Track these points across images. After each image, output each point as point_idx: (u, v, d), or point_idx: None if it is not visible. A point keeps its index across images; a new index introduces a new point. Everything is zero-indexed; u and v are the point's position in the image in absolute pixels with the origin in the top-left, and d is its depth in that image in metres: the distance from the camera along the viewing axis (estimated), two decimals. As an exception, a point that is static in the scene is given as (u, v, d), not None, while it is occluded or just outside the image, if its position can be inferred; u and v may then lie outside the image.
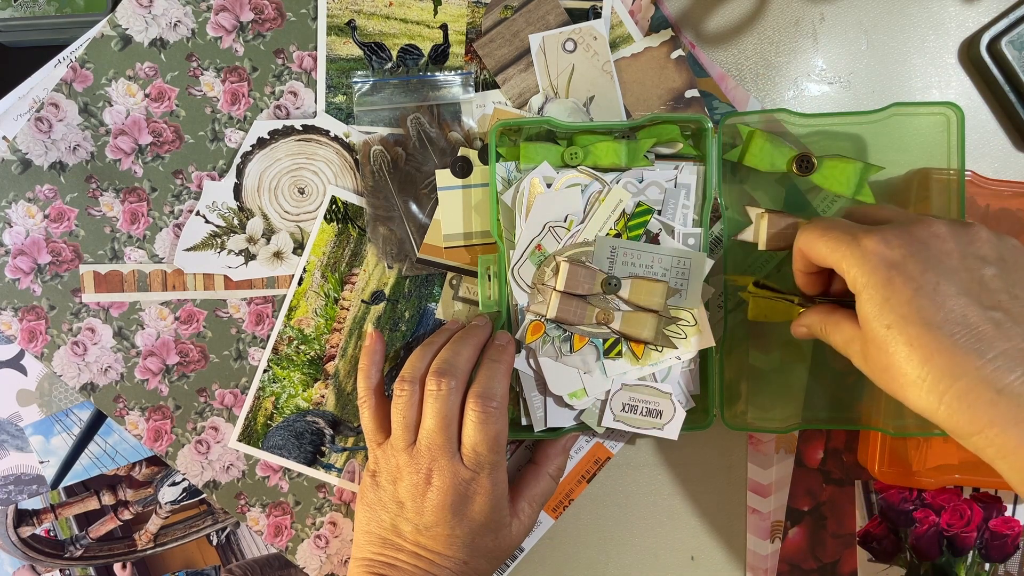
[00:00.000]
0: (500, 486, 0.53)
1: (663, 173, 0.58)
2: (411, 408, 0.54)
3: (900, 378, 0.42)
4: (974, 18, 0.62)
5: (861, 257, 0.43)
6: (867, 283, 0.43)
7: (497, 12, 0.62)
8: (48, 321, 0.62)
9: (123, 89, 0.62)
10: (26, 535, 0.63)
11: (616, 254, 0.55)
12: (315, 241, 0.62)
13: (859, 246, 0.44)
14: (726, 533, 0.63)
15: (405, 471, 0.53)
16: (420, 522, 0.53)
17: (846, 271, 0.44)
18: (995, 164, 0.62)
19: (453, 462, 0.52)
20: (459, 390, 0.53)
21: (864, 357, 0.45)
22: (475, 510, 0.53)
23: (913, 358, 0.41)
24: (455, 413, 0.53)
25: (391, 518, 0.54)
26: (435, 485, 0.52)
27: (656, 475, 0.63)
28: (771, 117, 0.58)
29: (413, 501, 0.53)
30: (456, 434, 0.53)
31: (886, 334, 0.42)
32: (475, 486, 0.52)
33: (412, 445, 0.53)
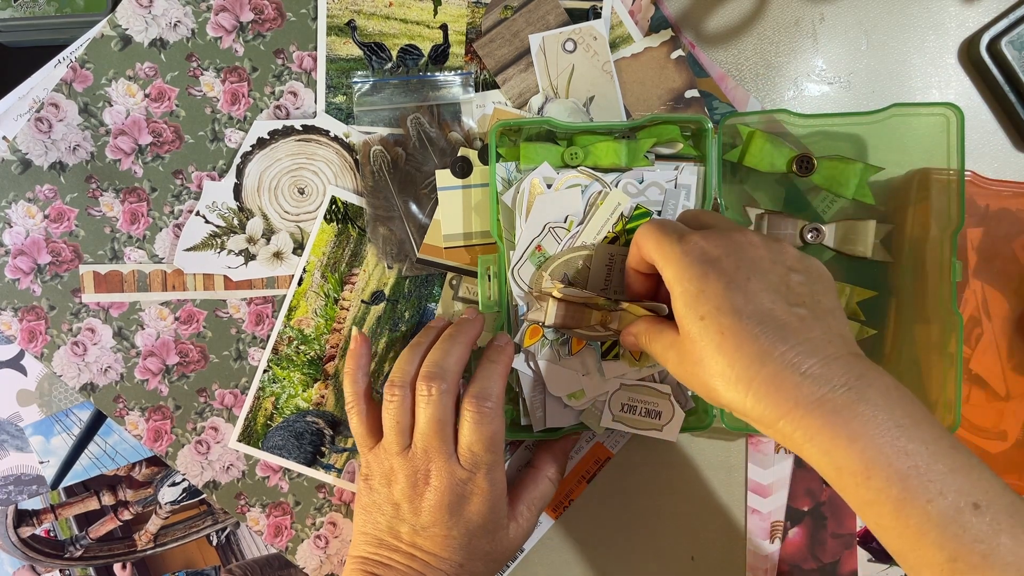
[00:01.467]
0: (498, 487, 0.53)
1: (663, 173, 0.58)
2: (403, 413, 0.53)
3: (711, 369, 0.43)
4: (974, 18, 0.62)
5: (680, 254, 0.45)
6: (683, 277, 0.44)
7: (497, 12, 0.62)
8: (48, 321, 0.62)
9: (123, 89, 0.62)
10: (26, 535, 0.63)
11: (614, 262, 0.55)
12: (315, 241, 0.62)
13: (680, 243, 0.45)
14: (726, 533, 0.63)
15: (400, 474, 0.53)
16: (417, 523, 0.53)
17: (663, 268, 0.46)
18: (995, 164, 0.62)
19: (450, 463, 0.52)
20: (451, 392, 0.53)
21: (679, 358, 0.46)
22: (472, 511, 0.52)
23: (725, 346, 0.42)
24: (449, 416, 0.53)
25: (387, 520, 0.54)
26: (432, 485, 0.52)
27: (656, 475, 0.63)
28: (771, 117, 0.58)
29: (410, 503, 0.53)
30: (452, 435, 0.53)
31: (700, 325, 0.43)
32: (472, 486, 0.52)
33: (407, 449, 0.53)
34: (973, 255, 0.60)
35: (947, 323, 0.56)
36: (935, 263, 0.56)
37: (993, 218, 0.60)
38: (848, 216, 0.58)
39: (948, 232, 0.56)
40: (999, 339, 0.60)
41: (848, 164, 0.56)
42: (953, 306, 0.56)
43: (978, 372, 0.60)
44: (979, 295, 0.60)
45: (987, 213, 0.60)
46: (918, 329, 0.58)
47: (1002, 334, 0.60)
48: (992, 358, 0.60)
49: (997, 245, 0.60)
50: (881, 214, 0.58)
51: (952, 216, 0.56)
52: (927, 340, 0.58)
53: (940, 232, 0.56)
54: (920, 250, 0.57)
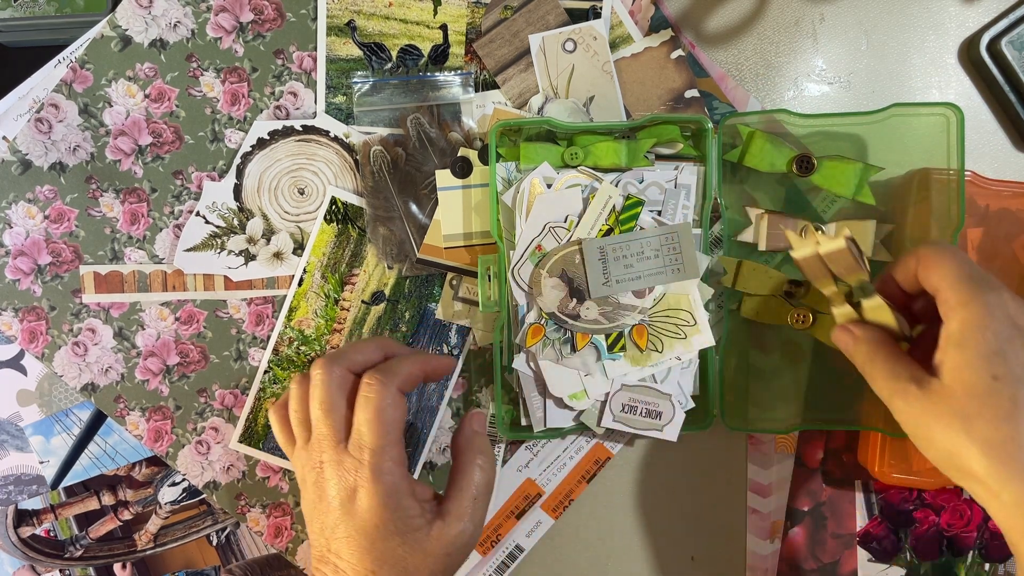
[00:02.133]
0: (388, 478, 0.46)
1: (663, 173, 0.58)
2: (299, 402, 0.50)
3: (977, 432, 0.40)
4: (974, 18, 0.62)
5: (991, 304, 0.41)
6: (986, 327, 0.41)
7: (497, 12, 0.62)
8: (48, 322, 0.62)
9: (123, 90, 0.62)
10: (26, 535, 0.63)
11: (606, 253, 0.55)
12: (315, 242, 0.62)
13: (991, 292, 0.42)
14: (726, 533, 0.63)
15: (308, 472, 0.49)
16: (326, 523, 0.48)
17: (958, 306, 0.42)
18: (995, 164, 0.62)
19: (338, 451, 0.47)
20: (347, 377, 0.49)
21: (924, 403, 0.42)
22: (362, 507, 0.46)
23: (1016, 418, 0.39)
24: (340, 399, 0.48)
25: (315, 528, 0.49)
26: (327, 478, 0.47)
27: (656, 475, 0.63)
28: (771, 117, 0.58)
29: (320, 501, 0.48)
30: (343, 420, 0.48)
31: (990, 385, 0.40)
32: (359, 478, 0.46)
33: (307, 443, 0.49)
34: (973, 255, 0.60)
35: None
36: (935, 263, 0.56)
37: (993, 218, 0.60)
38: (848, 216, 0.58)
39: (948, 232, 0.56)
40: (999, 339, 0.60)
41: (848, 164, 0.56)
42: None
43: (978, 372, 0.60)
44: (979, 295, 0.60)
45: (987, 213, 0.60)
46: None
47: (1002, 334, 0.60)
48: (992, 358, 0.60)
49: (997, 245, 0.60)
50: (881, 214, 0.58)
51: (952, 216, 0.56)
52: (927, 340, 0.58)
53: (940, 232, 0.56)
54: (920, 250, 0.57)
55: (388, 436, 0.47)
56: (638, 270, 0.55)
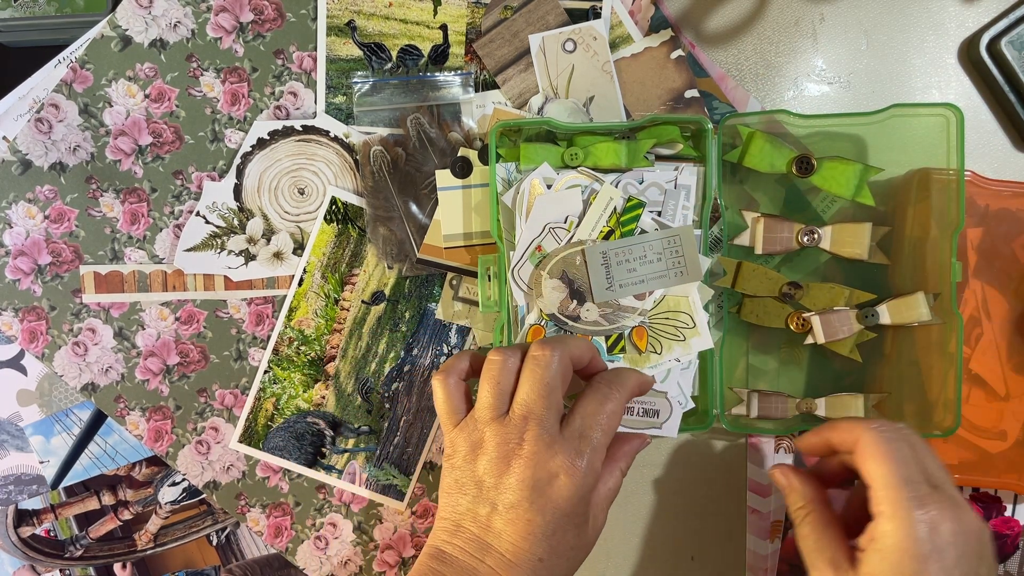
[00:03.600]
0: (593, 476, 0.47)
1: (663, 174, 0.58)
2: (506, 373, 0.48)
3: None
4: (974, 18, 0.62)
5: (915, 522, 0.43)
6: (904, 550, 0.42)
7: (497, 12, 0.62)
8: (49, 321, 0.62)
9: (123, 90, 0.62)
10: (26, 535, 0.64)
11: (609, 258, 0.55)
12: (315, 242, 0.62)
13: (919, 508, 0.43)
14: (726, 533, 0.63)
15: (490, 443, 0.47)
16: (499, 501, 0.46)
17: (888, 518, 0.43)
18: (995, 164, 0.62)
19: (552, 435, 0.46)
20: (566, 365, 0.48)
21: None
22: (558, 494, 0.46)
23: None
24: (559, 384, 0.48)
25: (468, 502, 0.47)
26: (524, 456, 0.46)
27: (656, 475, 0.63)
28: (771, 118, 0.58)
29: (495, 477, 0.46)
30: (559, 405, 0.47)
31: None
32: (569, 467, 0.46)
33: (503, 416, 0.48)
34: (973, 255, 0.60)
35: (947, 323, 0.56)
36: (935, 264, 0.56)
37: (993, 218, 0.60)
38: (848, 216, 0.58)
39: (948, 232, 0.56)
40: (999, 339, 0.60)
41: (848, 165, 0.56)
42: (953, 306, 0.56)
43: (978, 372, 0.60)
44: (979, 295, 0.60)
45: (987, 213, 0.60)
46: (918, 329, 0.58)
47: (1002, 334, 0.60)
48: (992, 358, 0.60)
49: (997, 245, 0.60)
50: (881, 214, 0.58)
51: (952, 216, 0.56)
52: (927, 340, 0.58)
53: (940, 232, 0.56)
54: (920, 251, 0.57)
55: (607, 439, 0.48)
56: (641, 274, 0.55)
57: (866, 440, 0.46)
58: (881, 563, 0.43)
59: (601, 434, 0.47)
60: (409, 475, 0.62)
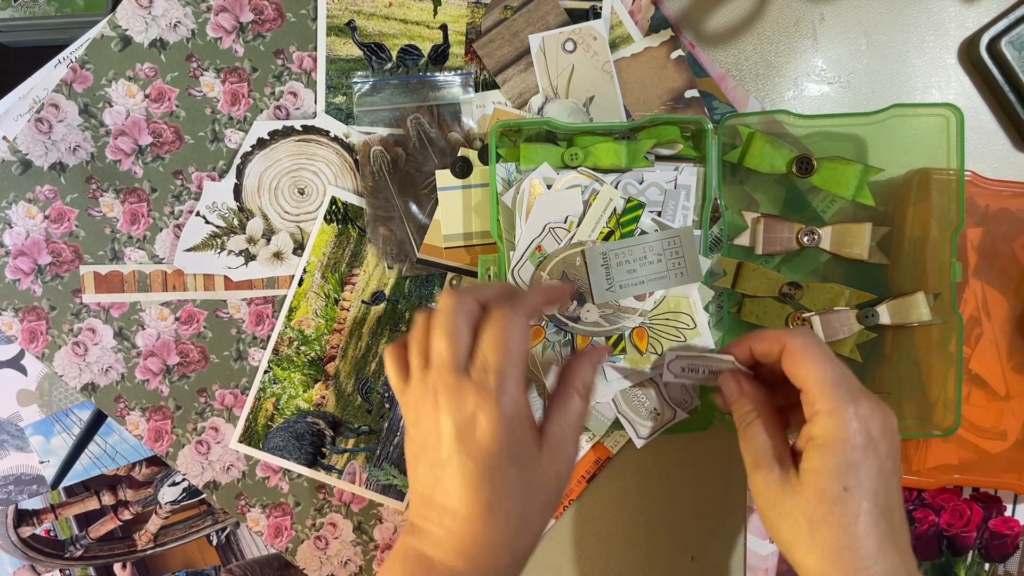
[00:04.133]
0: (511, 402, 0.44)
1: (663, 174, 0.58)
2: (423, 332, 0.47)
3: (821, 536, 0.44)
4: (974, 18, 0.62)
5: (852, 416, 0.44)
6: (846, 440, 0.44)
7: (497, 12, 0.62)
8: (49, 321, 0.62)
9: (123, 90, 0.62)
10: (26, 535, 0.64)
11: (609, 259, 0.55)
12: (315, 242, 0.62)
13: (854, 404, 0.44)
14: (726, 533, 0.63)
15: (421, 405, 0.46)
16: (440, 457, 0.45)
17: (827, 414, 0.44)
18: (995, 164, 0.62)
19: (459, 379, 0.44)
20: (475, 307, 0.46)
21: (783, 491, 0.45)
22: (482, 434, 0.43)
23: (852, 529, 0.43)
24: (465, 327, 0.45)
25: (423, 468, 0.46)
26: (441, 408, 0.44)
27: (656, 475, 0.63)
28: (771, 118, 0.58)
29: (433, 435, 0.45)
30: (467, 347, 0.45)
31: (840, 495, 0.43)
32: (480, 402, 0.44)
33: (424, 375, 0.46)
34: (973, 255, 0.60)
35: (947, 323, 0.56)
36: (935, 264, 0.56)
37: (993, 218, 0.60)
38: (848, 217, 0.58)
39: (948, 233, 0.56)
40: (999, 339, 0.60)
41: (848, 165, 0.56)
42: (953, 306, 0.56)
43: (978, 372, 0.60)
44: (979, 295, 0.60)
45: (987, 213, 0.60)
46: (918, 329, 0.58)
47: (1002, 334, 0.60)
48: (992, 358, 0.60)
49: (997, 245, 0.60)
50: (881, 214, 0.58)
51: (952, 216, 0.56)
52: (927, 340, 0.58)
53: (940, 233, 0.56)
54: (920, 251, 0.57)
55: (514, 360, 0.44)
56: (641, 275, 0.55)
57: (794, 346, 0.46)
58: (822, 457, 0.44)
59: (504, 358, 0.44)
60: (409, 475, 0.62)
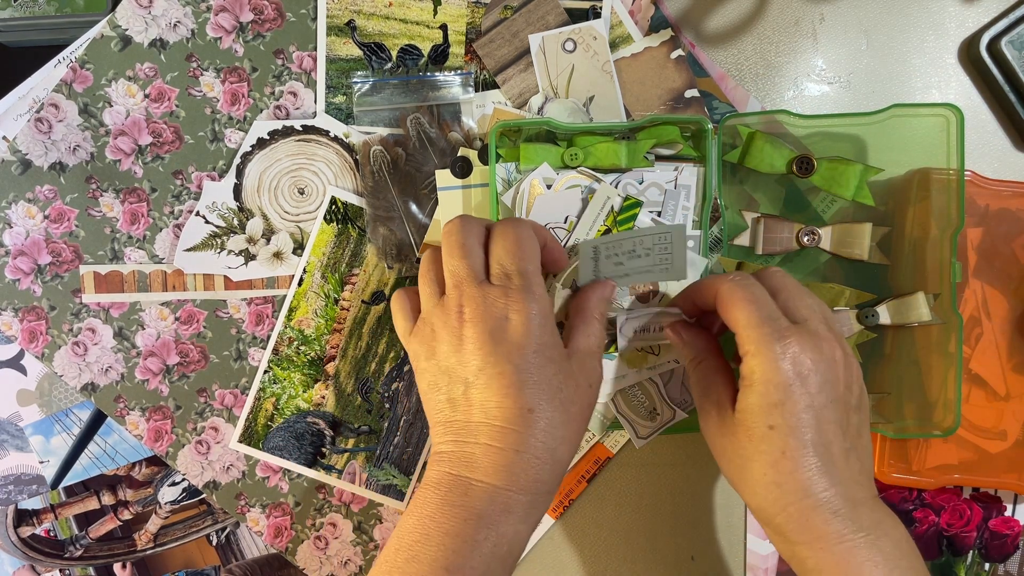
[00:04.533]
0: (539, 301, 0.45)
1: (663, 174, 0.58)
2: (434, 265, 0.48)
3: (754, 474, 0.45)
4: (974, 18, 0.62)
5: (776, 355, 0.44)
6: (770, 379, 0.44)
7: (497, 12, 0.62)
8: (48, 321, 0.62)
9: (123, 90, 0.62)
10: (26, 535, 0.64)
11: (599, 253, 0.53)
12: (315, 241, 0.62)
13: (778, 342, 0.44)
14: (726, 533, 0.63)
15: (440, 330, 0.46)
16: (467, 374, 0.44)
17: (750, 353, 0.45)
18: (995, 164, 0.62)
19: (481, 287, 0.45)
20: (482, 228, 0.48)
21: (722, 430, 0.47)
22: (516, 331, 0.44)
23: (780, 465, 0.44)
24: (476, 243, 0.47)
25: (444, 394, 0.46)
26: (467, 319, 0.44)
27: (656, 475, 0.63)
28: (771, 118, 0.58)
29: (456, 355, 0.45)
30: (482, 262, 0.46)
31: (766, 434, 0.44)
32: (509, 302, 0.44)
33: (440, 298, 0.47)
34: (973, 255, 0.60)
35: (947, 323, 0.56)
36: (935, 264, 0.56)
37: (993, 218, 0.60)
38: (848, 217, 0.58)
39: (948, 233, 0.56)
40: (999, 339, 0.60)
41: (848, 165, 0.56)
42: (953, 306, 0.56)
43: (978, 372, 0.60)
44: (979, 295, 0.60)
45: (987, 213, 0.60)
46: (918, 329, 0.58)
47: (1002, 334, 0.60)
48: (992, 358, 0.60)
49: (997, 245, 0.60)
50: (881, 214, 0.58)
51: (952, 216, 0.56)
52: (927, 340, 0.58)
53: (940, 233, 0.56)
54: (920, 251, 0.57)
55: (532, 261, 0.46)
56: (627, 268, 0.54)
57: (723, 291, 0.47)
58: (751, 397, 0.45)
59: (522, 260, 0.46)
60: (409, 475, 0.62)
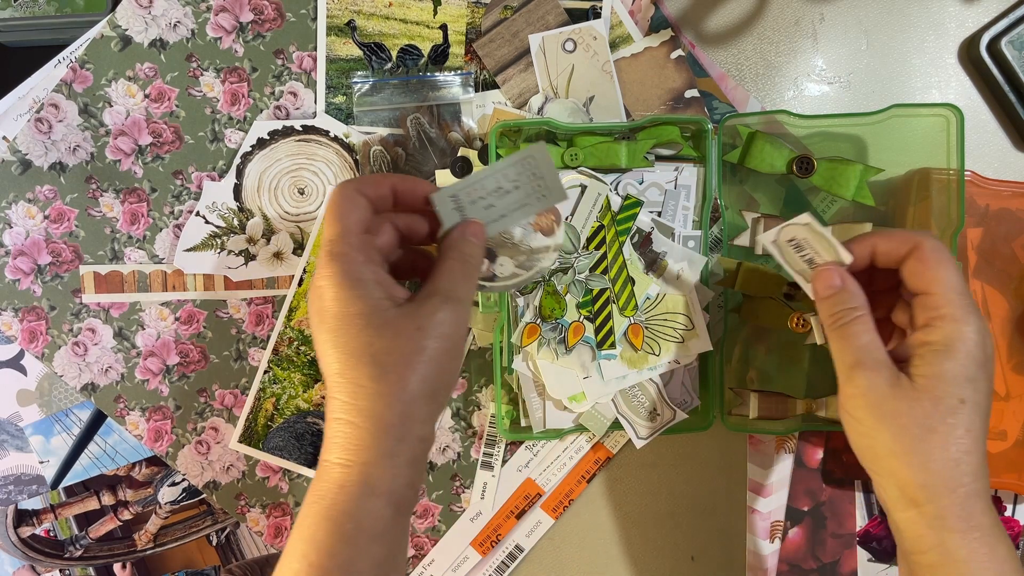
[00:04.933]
0: (344, 260, 0.41)
1: (663, 174, 0.58)
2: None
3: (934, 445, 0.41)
4: (974, 18, 0.62)
5: (979, 330, 0.42)
6: (970, 352, 0.42)
7: (497, 12, 0.62)
8: (48, 321, 0.62)
9: (123, 90, 0.62)
10: (26, 535, 0.64)
11: (460, 200, 0.46)
12: (315, 242, 0.62)
13: (979, 319, 0.42)
14: (726, 533, 0.63)
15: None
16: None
17: (959, 321, 0.42)
18: (995, 164, 0.62)
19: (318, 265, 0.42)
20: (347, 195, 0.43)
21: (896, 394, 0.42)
22: (326, 300, 0.40)
23: (963, 443, 0.41)
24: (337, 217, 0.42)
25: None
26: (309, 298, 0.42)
27: (656, 475, 0.63)
28: (771, 118, 0.58)
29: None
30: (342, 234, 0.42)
31: (956, 405, 0.41)
32: (321, 272, 0.41)
33: None
34: (973, 255, 0.60)
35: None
36: (935, 264, 0.56)
37: (993, 218, 0.60)
38: (848, 217, 0.58)
39: (948, 233, 0.56)
40: (999, 339, 0.60)
41: (848, 165, 0.56)
42: (953, 306, 0.56)
43: (978, 372, 0.60)
44: (979, 295, 0.60)
45: (987, 213, 0.60)
46: (918, 329, 0.58)
47: (1002, 334, 0.60)
48: (992, 358, 0.60)
49: (997, 245, 0.60)
50: (881, 214, 0.58)
51: (952, 216, 0.56)
52: (927, 340, 0.57)
53: (940, 233, 0.56)
54: (920, 251, 0.57)
55: (343, 225, 0.42)
56: (501, 208, 0.47)
57: (929, 246, 0.44)
58: (944, 363, 0.42)
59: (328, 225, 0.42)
60: (409, 475, 0.62)
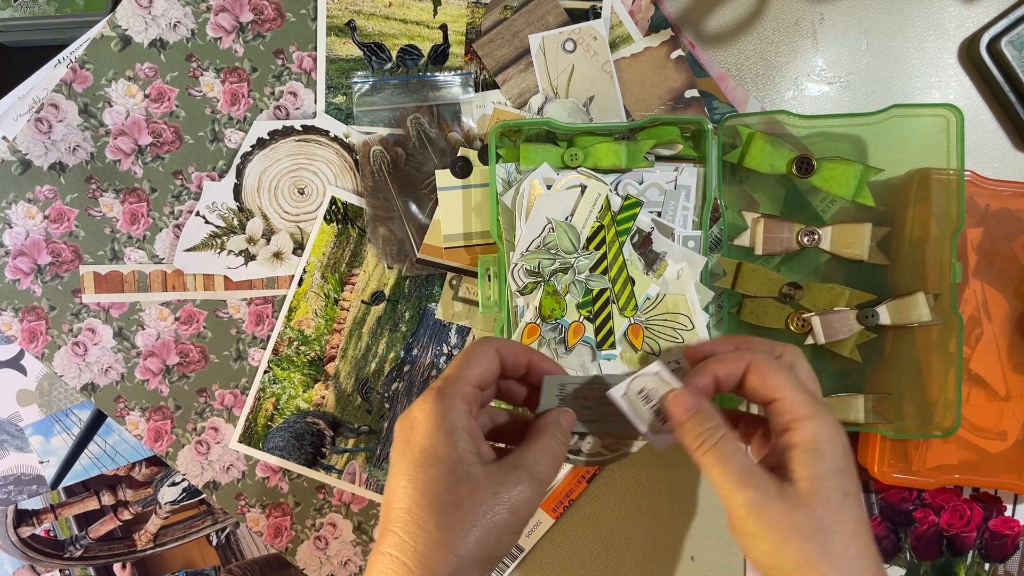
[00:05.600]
0: (447, 403, 0.42)
1: (663, 175, 0.58)
2: None
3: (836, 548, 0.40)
4: (974, 18, 0.62)
5: (832, 422, 0.42)
6: (835, 445, 0.42)
7: (497, 12, 0.62)
8: (48, 321, 0.62)
9: (123, 90, 0.62)
10: (26, 535, 0.64)
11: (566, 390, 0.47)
12: (315, 242, 0.62)
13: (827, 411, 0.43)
14: (726, 533, 0.63)
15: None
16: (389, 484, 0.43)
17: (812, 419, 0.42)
18: (995, 164, 0.62)
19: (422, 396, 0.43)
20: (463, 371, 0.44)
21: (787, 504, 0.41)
22: (416, 436, 0.41)
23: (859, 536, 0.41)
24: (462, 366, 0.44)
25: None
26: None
27: (656, 475, 0.63)
28: (771, 118, 0.58)
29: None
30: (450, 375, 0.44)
31: (843, 501, 0.41)
32: (421, 403, 0.42)
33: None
34: (973, 255, 0.60)
35: (947, 323, 0.56)
36: (935, 264, 0.56)
37: (993, 218, 0.60)
38: (848, 217, 0.58)
39: (948, 233, 0.56)
40: (999, 339, 0.60)
41: (848, 166, 0.56)
42: (953, 306, 0.56)
43: (978, 372, 0.60)
44: (979, 295, 0.60)
45: (987, 213, 0.60)
46: (918, 329, 0.58)
47: (1002, 334, 0.60)
48: (992, 358, 0.60)
49: (997, 245, 0.60)
50: (881, 214, 0.58)
51: (952, 217, 0.56)
52: (927, 340, 0.58)
53: (940, 233, 0.56)
54: (920, 251, 0.57)
55: (464, 372, 0.43)
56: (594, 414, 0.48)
57: (760, 360, 0.44)
58: (820, 462, 0.41)
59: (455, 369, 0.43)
60: (409, 475, 0.62)
